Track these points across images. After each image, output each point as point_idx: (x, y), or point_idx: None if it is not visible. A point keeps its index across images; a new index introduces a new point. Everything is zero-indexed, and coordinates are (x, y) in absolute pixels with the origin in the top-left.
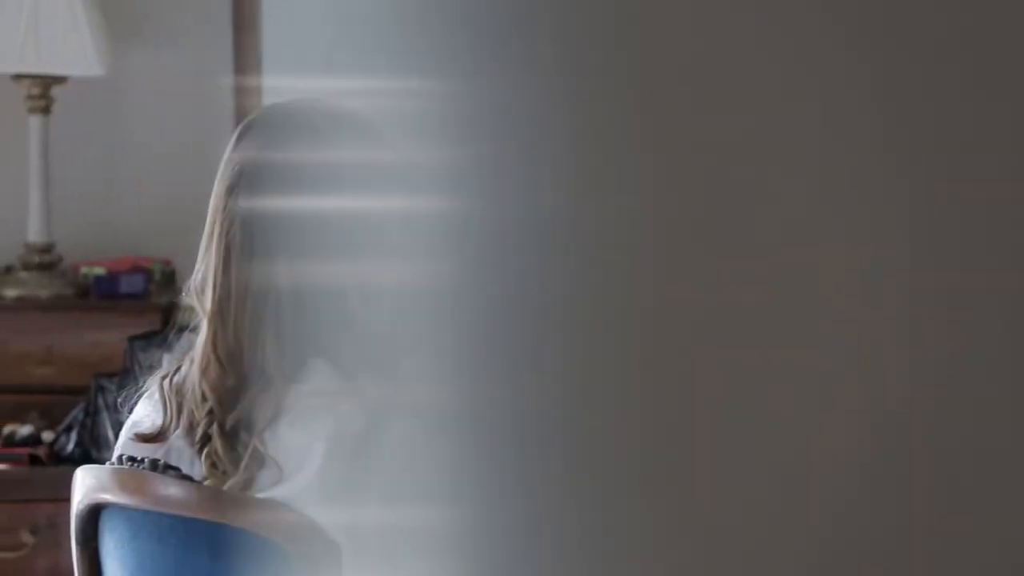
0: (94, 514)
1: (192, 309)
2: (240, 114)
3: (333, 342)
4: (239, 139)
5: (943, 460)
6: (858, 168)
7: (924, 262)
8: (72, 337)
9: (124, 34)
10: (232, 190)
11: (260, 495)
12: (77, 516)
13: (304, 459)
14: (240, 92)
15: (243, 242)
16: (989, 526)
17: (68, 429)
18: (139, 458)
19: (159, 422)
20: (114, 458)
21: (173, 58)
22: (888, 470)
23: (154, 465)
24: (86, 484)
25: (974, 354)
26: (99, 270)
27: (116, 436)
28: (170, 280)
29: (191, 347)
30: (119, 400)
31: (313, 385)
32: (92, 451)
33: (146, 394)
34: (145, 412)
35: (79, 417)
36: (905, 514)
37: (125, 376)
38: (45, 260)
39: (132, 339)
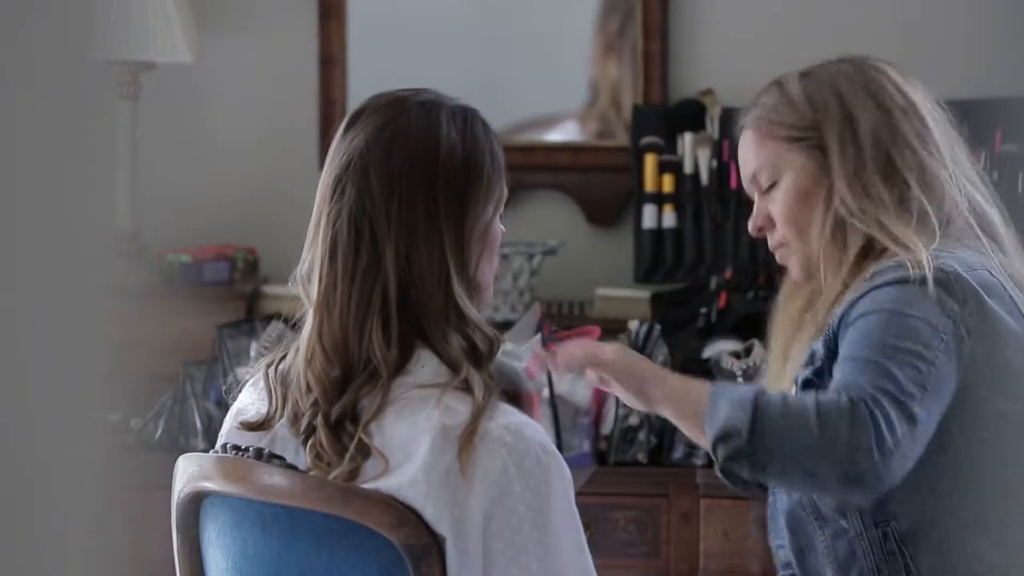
0: (196, 502)
1: (298, 299)
2: (325, 103)
3: (440, 333)
4: (346, 129)
5: None
6: None
7: None
8: (158, 324)
9: (211, 21)
10: (340, 180)
11: (365, 486)
12: (178, 503)
13: (410, 451)
14: (325, 80)
15: (350, 233)
16: None
17: (156, 416)
18: (243, 446)
19: (264, 410)
20: (218, 446)
21: (259, 46)
22: None
23: (259, 454)
24: (188, 472)
25: None
26: (184, 258)
27: (203, 423)
28: (253, 268)
29: (280, 335)
30: (223, 388)
31: (419, 377)
32: (180, 438)
33: (251, 382)
34: (250, 400)
35: (167, 404)
36: None
37: (213, 364)
38: (132, 247)
39: (221, 327)
